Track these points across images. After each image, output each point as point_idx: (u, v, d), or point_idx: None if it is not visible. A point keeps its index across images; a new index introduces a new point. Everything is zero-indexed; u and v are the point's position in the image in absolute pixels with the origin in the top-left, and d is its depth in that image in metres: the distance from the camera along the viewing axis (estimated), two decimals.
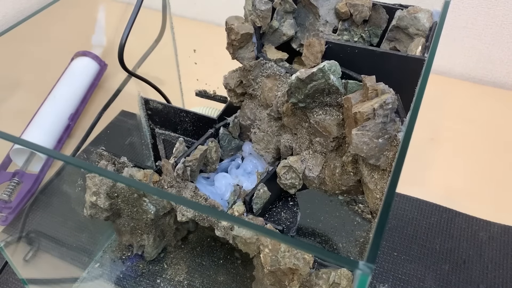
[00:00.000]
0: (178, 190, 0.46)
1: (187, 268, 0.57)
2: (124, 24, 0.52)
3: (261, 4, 0.50)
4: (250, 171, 0.52)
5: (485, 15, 0.83)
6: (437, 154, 0.73)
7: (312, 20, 0.52)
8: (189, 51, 0.84)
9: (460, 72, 0.91)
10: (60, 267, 0.58)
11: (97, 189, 0.48)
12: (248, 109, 0.52)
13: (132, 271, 0.56)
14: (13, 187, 0.63)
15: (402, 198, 0.66)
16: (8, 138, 0.34)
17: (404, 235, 0.61)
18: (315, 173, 0.48)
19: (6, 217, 0.60)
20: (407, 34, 0.48)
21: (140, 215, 0.51)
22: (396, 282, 0.56)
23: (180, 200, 0.40)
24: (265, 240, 0.41)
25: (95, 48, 0.79)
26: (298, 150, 0.49)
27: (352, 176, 0.46)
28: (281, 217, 0.50)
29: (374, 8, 0.49)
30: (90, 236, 0.60)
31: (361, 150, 0.39)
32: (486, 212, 0.64)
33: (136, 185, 0.33)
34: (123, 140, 0.74)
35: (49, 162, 0.66)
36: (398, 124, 0.39)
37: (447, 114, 0.81)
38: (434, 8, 0.48)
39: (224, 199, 0.48)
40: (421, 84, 0.36)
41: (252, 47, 0.50)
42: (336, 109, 0.45)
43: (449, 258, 0.59)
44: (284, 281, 0.41)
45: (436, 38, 0.41)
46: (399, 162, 0.30)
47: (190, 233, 0.60)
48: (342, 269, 0.40)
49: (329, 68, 0.42)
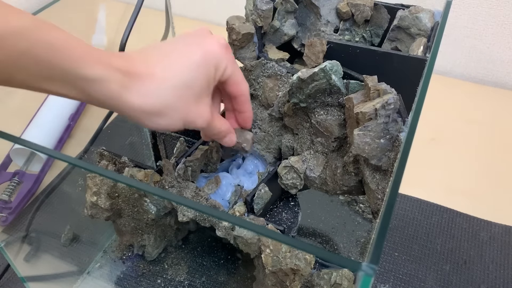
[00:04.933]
0: (179, 190, 0.46)
1: (188, 268, 0.56)
2: (125, 24, 0.52)
3: (262, 4, 0.50)
4: (251, 171, 0.52)
5: (486, 15, 0.83)
6: (438, 154, 0.73)
7: (314, 20, 0.52)
8: None
9: (461, 72, 0.91)
10: (60, 267, 0.57)
11: (97, 189, 0.48)
12: None
13: (133, 271, 0.56)
14: (13, 187, 0.63)
15: (403, 198, 0.66)
16: (8, 138, 0.34)
17: (405, 235, 0.61)
18: (316, 173, 0.48)
19: (6, 217, 0.60)
20: (408, 34, 0.48)
21: (141, 215, 0.50)
22: (397, 282, 0.56)
23: (181, 200, 0.40)
24: (266, 241, 0.41)
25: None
26: (299, 150, 0.49)
27: (354, 176, 0.46)
28: (282, 217, 0.50)
29: (375, 8, 0.49)
30: (91, 236, 0.60)
31: (363, 151, 0.39)
32: (487, 212, 0.64)
33: (137, 185, 0.33)
34: (123, 140, 0.74)
35: (49, 162, 0.66)
36: (400, 124, 0.39)
37: (448, 114, 0.81)
38: (435, 8, 0.47)
39: (225, 199, 0.48)
40: (423, 84, 0.36)
41: (253, 47, 0.50)
42: (338, 109, 0.45)
43: (450, 258, 0.59)
44: (286, 281, 0.41)
45: (438, 38, 0.41)
46: (402, 163, 0.30)
47: (191, 233, 0.60)
48: (343, 269, 0.40)
49: (330, 68, 0.41)
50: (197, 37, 0.37)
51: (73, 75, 0.31)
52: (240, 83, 0.40)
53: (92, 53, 0.32)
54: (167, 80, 0.34)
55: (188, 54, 0.35)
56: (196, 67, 0.35)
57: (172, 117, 0.35)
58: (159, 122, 0.35)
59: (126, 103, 0.33)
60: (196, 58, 0.35)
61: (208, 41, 0.37)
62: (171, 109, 0.34)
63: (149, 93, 0.33)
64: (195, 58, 0.35)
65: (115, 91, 0.32)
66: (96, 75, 0.31)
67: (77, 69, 0.31)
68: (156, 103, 0.34)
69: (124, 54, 0.35)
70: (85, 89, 0.32)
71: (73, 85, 0.32)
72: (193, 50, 0.36)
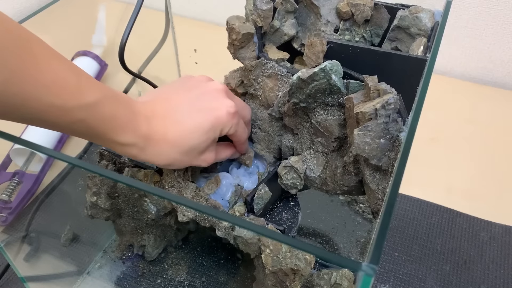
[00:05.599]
0: (179, 190, 0.46)
1: (188, 268, 0.56)
2: (125, 23, 0.52)
3: (262, 3, 0.50)
4: (251, 171, 0.52)
5: (486, 15, 0.83)
6: (437, 154, 0.73)
7: (314, 19, 0.52)
8: (190, 51, 0.84)
9: (461, 72, 0.91)
10: (60, 267, 0.57)
11: (97, 189, 0.48)
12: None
13: (133, 271, 0.56)
14: (13, 187, 0.62)
15: (403, 198, 0.66)
16: (8, 138, 0.34)
17: (405, 235, 0.61)
18: (317, 173, 0.48)
19: (6, 217, 0.60)
20: (408, 34, 0.48)
21: (141, 215, 0.50)
22: (397, 282, 0.56)
23: (181, 200, 0.40)
24: (266, 241, 0.41)
25: (96, 48, 0.79)
26: (299, 150, 0.49)
27: (354, 176, 0.46)
28: (282, 217, 0.50)
29: (375, 7, 0.49)
30: (91, 236, 0.60)
31: (363, 151, 0.39)
32: (487, 212, 0.64)
33: (137, 185, 0.33)
34: None
35: (49, 162, 0.66)
36: (400, 125, 0.39)
37: (447, 114, 0.81)
38: (435, 8, 0.47)
39: (225, 199, 0.48)
40: (423, 84, 0.36)
41: (253, 47, 0.50)
42: (338, 109, 0.45)
43: (450, 259, 0.59)
44: (286, 281, 0.41)
45: (438, 38, 0.41)
46: (402, 163, 0.30)
47: (191, 233, 0.60)
48: (343, 269, 0.40)
49: (330, 68, 0.41)
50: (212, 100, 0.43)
51: (110, 139, 0.37)
52: (240, 135, 0.46)
53: (129, 121, 0.37)
54: (177, 145, 0.40)
55: (199, 121, 0.41)
56: (205, 133, 0.41)
57: (179, 166, 0.43)
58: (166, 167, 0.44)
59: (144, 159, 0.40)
60: (206, 125, 0.41)
61: (220, 108, 0.42)
62: (178, 162, 0.41)
63: (161, 154, 0.40)
64: (205, 125, 0.41)
65: (134, 153, 0.39)
66: (126, 142, 0.38)
67: (115, 136, 0.37)
68: (165, 160, 0.40)
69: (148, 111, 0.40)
70: (113, 146, 0.38)
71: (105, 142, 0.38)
72: (205, 117, 0.41)
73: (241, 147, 0.49)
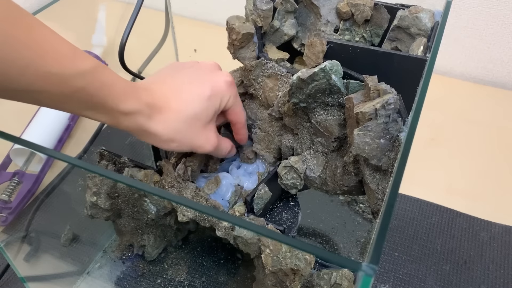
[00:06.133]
0: (179, 190, 0.46)
1: (188, 268, 0.56)
2: (125, 23, 0.52)
3: (262, 3, 0.50)
4: (251, 171, 0.52)
5: (486, 15, 0.83)
6: (437, 154, 0.73)
7: (314, 20, 0.52)
8: (190, 50, 0.84)
9: (461, 72, 0.91)
10: (60, 267, 0.57)
11: (97, 189, 0.48)
12: (249, 109, 0.52)
13: (133, 271, 0.56)
14: (13, 187, 0.62)
15: (402, 198, 0.66)
16: (8, 138, 0.34)
17: (405, 235, 0.61)
18: (316, 173, 0.48)
19: (6, 217, 0.60)
20: (408, 34, 0.48)
21: (140, 215, 0.50)
22: (397, 282, 0.56)
23: (181, 200, 0.40)
24: (266, 241, 0.41)
25: (96, 48, 0.79)
26: (299, 150, 0.49)
27: (354, 176, 0.46)
28: (282, 218, 0.50)
29: (375, 7, 0.49)
30: (91, 236, 0.60)
31: (363, 151, 0.39)
32: (487, 212, 0.64)
33: (137, 185, 0.33)
34: (123, 140, 0.74)
35: (49, 162, 0.66)
36: (400, 125, 0.39)
37: (447, 114, 0.81)
38: (435, 8, 0.47)
39: (225, 199, 0.48)
40: (423, 84, 0.36)
41: (253, 47, 0.50)
42: (338, 109, 0.45)
43: (450, 259, 0.59)
44: (286, 281, 0.41)
45: (438, 38, 0.41)
46: (402, 163, 0.30)
47: (191, 233, 0.60)
48: (343, 269, 0.40)
49: (330, 68, 0.41)
50: (207, 72, 0.45)
51: (113, 108, 0.37)
52: (239, 113, 0.47)
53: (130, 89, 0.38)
54: (181, 110, 0.41)
55: (200, 88, 0.42)
56: (206, 100, 0.42)
57: (181, 141, 0.42)
58: (170, 145, 0.42)
59: (149, 129, 0.40)
60: (206, 92, 0.42)
61: (217, 78, 0.44)
62: (182, 135, 0.42)
63: (167, 122, 0.40)
64: (206, 92, 0.42)
65: (142, 121, 0.39)
66: (130, 109, 0.38)
67: (118, 104, 0.37)
68: (171, 129, 0.41)
69: (146, 85, 0.41)
70: (118, 118, 0.38)
71: (109, 114, 0.37)
72: (204, 85, 0.43)
73: (241, 132, 0.49)
